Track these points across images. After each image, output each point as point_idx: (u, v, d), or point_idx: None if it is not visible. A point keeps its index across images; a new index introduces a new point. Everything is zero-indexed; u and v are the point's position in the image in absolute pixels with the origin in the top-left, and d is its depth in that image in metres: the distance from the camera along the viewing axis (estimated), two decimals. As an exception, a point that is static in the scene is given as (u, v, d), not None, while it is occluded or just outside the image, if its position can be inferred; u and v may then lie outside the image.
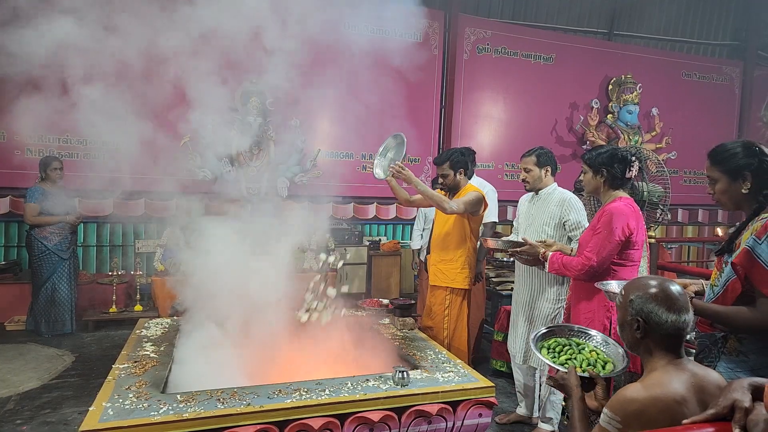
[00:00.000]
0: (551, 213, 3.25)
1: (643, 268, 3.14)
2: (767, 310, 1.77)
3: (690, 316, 1.55)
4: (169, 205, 6.35)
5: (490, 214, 4.33)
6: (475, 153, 4.06)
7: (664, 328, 1.53)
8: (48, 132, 5.95)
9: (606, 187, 2.70)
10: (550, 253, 2.87)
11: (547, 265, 2.89)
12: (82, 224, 5.89)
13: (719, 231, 8.81)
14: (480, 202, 3.49)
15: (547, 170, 3.29)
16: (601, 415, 1.51)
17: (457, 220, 3.52)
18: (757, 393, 1.12)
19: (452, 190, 3.61)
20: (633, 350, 1.64)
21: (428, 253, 4.13)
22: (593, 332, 2.11)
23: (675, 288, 1.57)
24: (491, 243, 3.28)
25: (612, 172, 2.65)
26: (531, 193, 3.42)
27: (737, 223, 2.00)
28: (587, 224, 3.21)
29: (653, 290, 1.57)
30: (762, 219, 1.81)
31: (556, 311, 3.24)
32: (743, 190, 1.88)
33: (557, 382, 1.83)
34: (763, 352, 1.84)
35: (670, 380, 1.46)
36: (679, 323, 1.53)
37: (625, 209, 2.58)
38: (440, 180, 3.61)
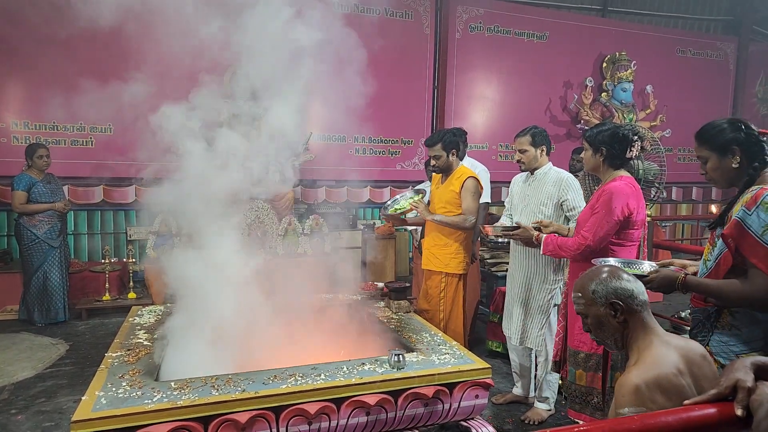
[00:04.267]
0: (548, 193, 3.21)
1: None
2: (758, 281, 1.79)
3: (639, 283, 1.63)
4: (160, 192, 6.29)
5: (483, 195, 4.30)
6: (466, 133, 4.03)
7: (636, 297, 1.55)
8: (34, 119, 5.85)
9: (605, 165, 2.63)
10: (544, 236, 2.83)
11: (541, 248, 2.86)
12: (71, 212, 5.83)
13: (713, 208, 8.85)
14: (478, 190, 3.49)
15: (542, 150, 3.25)
16: (619, 414, 1.40)
17: (452, 206, 3.49)
18: (760, 372, 1.10)
19: (445, 172, 3.57)
20: (620, 347, 1.62)
21: (422, 236, 4.11)
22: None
23: (610, 261, 1.69)
24: (490, 231, 3.22)
25: (611, 151, 2.58)
26: (525, 174, 3.37)
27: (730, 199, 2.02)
28: (584, 204, 3.19)
29: (603, 272, 1.60)
30: (752, 191, 1.84)
31: (552, 293, 3.23)
32: (734, 165, 1.92)
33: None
34: (755, 325, 1.88)
35: (665, 355, 1.46)
36: (640, 287, 1.58)
37: (625, 188, 2.52)
38: (432, 162, 3.56)
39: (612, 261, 2.33)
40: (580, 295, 1.61)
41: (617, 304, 1.52)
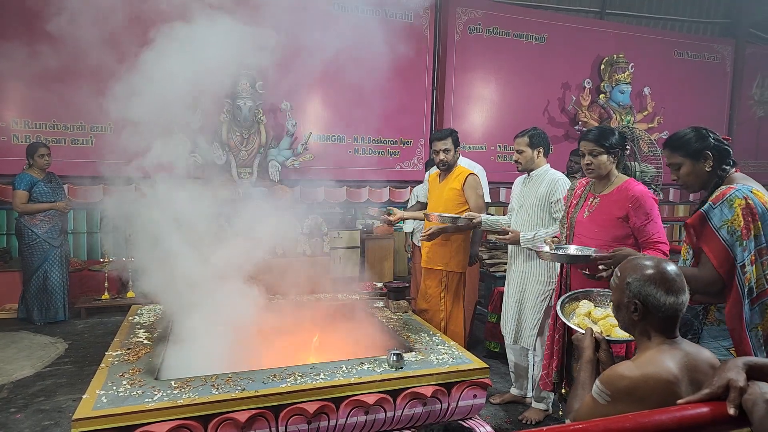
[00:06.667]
0: (540, 194, 3.24)
1: None
2: (705, 270, 1.94)
3: (687, 297, 1.54)
4: (159, 191, 6.29)
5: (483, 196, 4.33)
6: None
7: (662, 311, 1.51)
8: (35, 118, 5.85)
9: (617, 168, 2.68)
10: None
11: None
12: (71, 211, 5.83)
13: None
14: (480, 186, 3.59)
15: (539, 151, 3.28)
16: (593, 385, 1.52)
17: (451, 204, 3.52)
18: (752, 372, 1.12)
19: (450, 168, 3.62)
20: (628, 331, 1.64)
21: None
22: None
23: (671, 268, 1.54)
24: (435, 217, 3.38)
25: (620, 154, 2.66)
26: (525, 175, 3.41)
27: None
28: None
29: (650, 272, 1.54)
30: (720, 189, 2.00)
31: (546, 293, 3.25)
32: (707, 168, 2.06)
33: (574, 342, 1.89)
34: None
35: (663, 359, 1.46)
36: (677, 305, 1.52)
37: (647, 191, 2.59)
38: (441, 156, 3.58)
39: (546, 248, 2.53)
40: (618, 275, 1.62)
41: (639, 305, 1.54)
